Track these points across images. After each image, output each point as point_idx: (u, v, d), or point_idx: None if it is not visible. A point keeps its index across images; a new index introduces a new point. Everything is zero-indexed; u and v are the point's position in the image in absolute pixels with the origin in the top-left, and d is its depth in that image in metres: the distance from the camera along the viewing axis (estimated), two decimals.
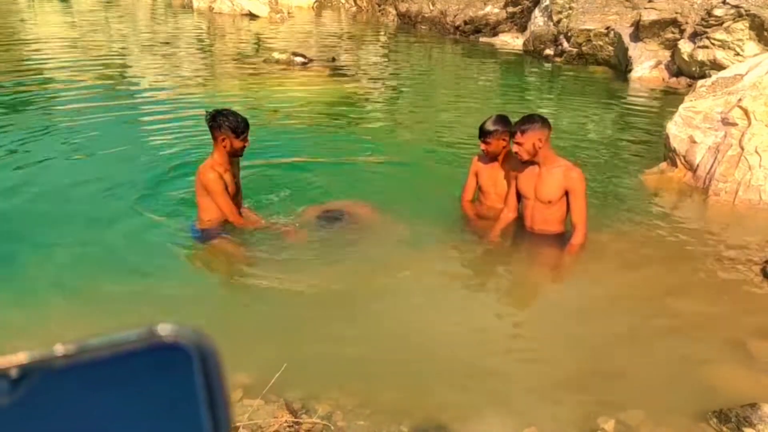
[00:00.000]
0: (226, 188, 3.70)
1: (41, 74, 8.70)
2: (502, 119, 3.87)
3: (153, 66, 9.88)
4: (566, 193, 3.64)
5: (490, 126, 3.85)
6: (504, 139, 3.86)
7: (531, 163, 3.66)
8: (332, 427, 2.38)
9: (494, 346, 3.03)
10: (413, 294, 3.45)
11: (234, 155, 3.74)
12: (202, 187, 3.69)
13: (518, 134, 3.54)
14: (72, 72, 8.92)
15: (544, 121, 3.59)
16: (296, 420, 2.39)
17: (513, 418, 2.48)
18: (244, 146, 3.71)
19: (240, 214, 3.85)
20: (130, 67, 9.77)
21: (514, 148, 3.59)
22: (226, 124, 3.60)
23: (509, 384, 2.74)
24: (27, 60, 9.75)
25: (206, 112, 3.71)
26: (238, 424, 2.29)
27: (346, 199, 4.43)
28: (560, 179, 3.62)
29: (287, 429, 2.35)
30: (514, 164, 3.84)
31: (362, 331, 3.12)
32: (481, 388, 2.70)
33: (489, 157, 3.99)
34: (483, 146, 3.91)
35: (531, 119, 3.59)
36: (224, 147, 3.64)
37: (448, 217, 4.27)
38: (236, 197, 3.86)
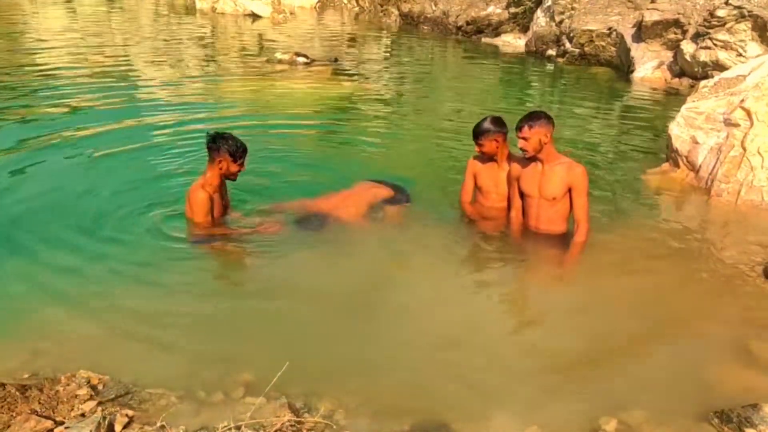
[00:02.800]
0: (212, 209, 3.79)
1: (41, 74, 8.69)
2: (494, 120, 3.90)
3: (155, 67, 9.89)
4: (569, 190, 3.65)
5: (482, 127, 3.90)
6: (496, 140, 3.90)
7: (533, 160, 3.67)
8: (334, 426, 2.39)
9: (496, 346, 3.03)
10: (415, 293, 3.45)
11: (228, 178, 3.84)
12: (189, 204, 3.79)
13: (525, 129, 3.56)
14: (73, 73, 8.93)
15: (548, 118, 3.61)
16: (298, 419, 2.40)
17: (515, 417, 2.49)
18: (239, 170, 3.80)
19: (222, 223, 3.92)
20: (132, 68, 9.77)
21: (520, 144, 3.60)
22: (225, 147, 3.70)
23: (511, 383, 2.74)
24: (28, 60, 9.77)
25: (207, 133, 3.79)
26: (240, 423, 2.29)
27: (341, 191, 4.43)
28: (564, 176, 3.63)
29: (289, 428, 2.35)
30: (515, 165, 3.84)
31: (364, 329, 3.13)
32: (483, 387, 2.71)
33: (485, 158, 4.02)
34: (477, 148, 3.97)
35: (537, 115, 3.61)
36: (220, 169, 3.74)
37: (450, 216, 4.27)
38: (222, 215, 3.94)
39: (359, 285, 3.54)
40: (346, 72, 9.82)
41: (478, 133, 3.91)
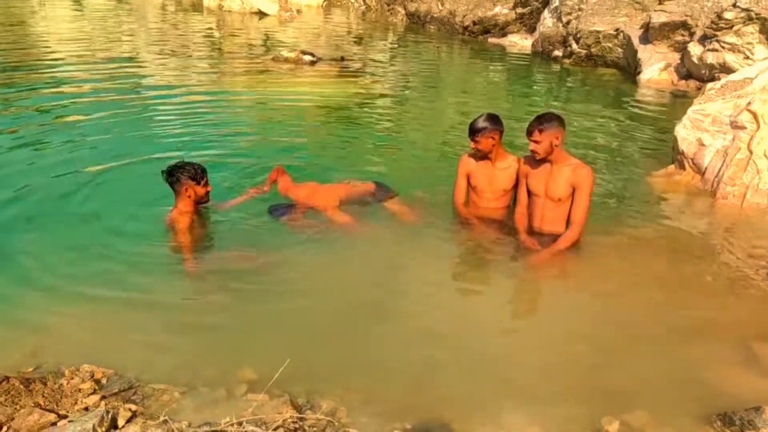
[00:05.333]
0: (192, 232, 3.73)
1: (49, 70, 8.73)
2: (491, 118, 3.87)
3: (162, 64, 9.92)
4: (574, 191, 3.64)
5: (479, 124, 3.86)
6: (493, 138, 3.87)
7: (543, 160, 3.66)
8: (336, 423, 2.39)
9: (498, 346, 3.03)
10: (416, 292, 3.45)
11: (200, 202, 3.78)
12: (174, 232, 3.71)
13: (536, 132, 3.54)
14: (81, 69, 8.97)
15: (560, 120, 3.59)
16: (301, 416, 2.40)
17: (516, 417, 2.49)
18: (208, 191, 3.76)
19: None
20: (139, 65, 9.80)
21: (531, 147, 3.58)
22: (185, 175, 3.66)
23: (513, 383, 2.74)
24: (35, 56, 9.80)
25: (162, 171, 3.75)
26: (242, 419, 2.30)
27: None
28: (569, 176, 3.63)
29: (292, 425, 2.35)
30: (526, 163, 3.83)
31: (365, 328, 3.13)
32: (484, 386, 2.71)
33: (479, 156, 3.99)
34: (473, 145, 3.93)
35: (549, 118, 3.58)
36: (189, 197, 3.70)
37: (449, 217, 4.26)
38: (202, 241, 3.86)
39: (360, 284, 3.54)
40: (352, 71, 9.82)
41: (474, 131, 3.87)
